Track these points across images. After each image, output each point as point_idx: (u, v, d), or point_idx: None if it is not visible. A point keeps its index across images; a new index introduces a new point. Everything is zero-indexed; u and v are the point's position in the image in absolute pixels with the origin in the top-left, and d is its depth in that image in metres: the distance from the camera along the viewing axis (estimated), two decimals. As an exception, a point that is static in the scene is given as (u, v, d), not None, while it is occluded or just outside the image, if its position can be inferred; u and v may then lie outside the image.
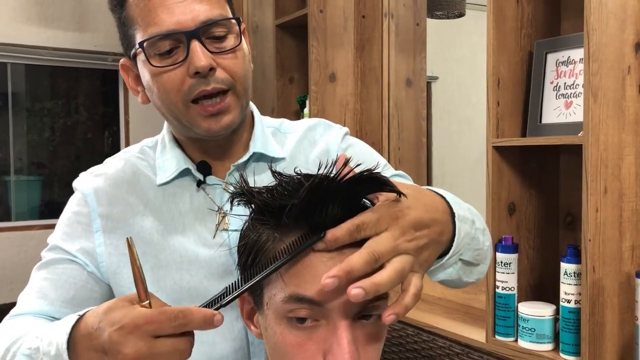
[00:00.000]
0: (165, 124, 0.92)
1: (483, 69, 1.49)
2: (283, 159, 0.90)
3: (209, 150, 0.88)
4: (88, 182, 0.90)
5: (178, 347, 0.58)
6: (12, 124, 3.32)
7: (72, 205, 0.91)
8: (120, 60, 0.87)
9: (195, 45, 0.77)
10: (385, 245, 0.58)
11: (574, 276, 1.30)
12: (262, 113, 0.97)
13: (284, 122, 0.97)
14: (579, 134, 1.29)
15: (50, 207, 3.46)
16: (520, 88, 1.51)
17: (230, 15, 0.83)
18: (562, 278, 1.33)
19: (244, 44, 0.84)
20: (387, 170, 0.90)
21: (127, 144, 3.48)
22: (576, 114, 1.40)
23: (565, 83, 1.44)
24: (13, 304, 0.86)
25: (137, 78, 0.85)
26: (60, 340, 0.65)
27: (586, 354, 1.25)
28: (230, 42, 0.81)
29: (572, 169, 1.51)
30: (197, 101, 0.80)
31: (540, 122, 1.47)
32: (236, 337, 0.85)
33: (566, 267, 1.32)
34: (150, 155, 0.92)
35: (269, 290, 0.64)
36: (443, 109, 3.70)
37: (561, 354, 1.33)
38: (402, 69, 2.18)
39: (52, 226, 0.91)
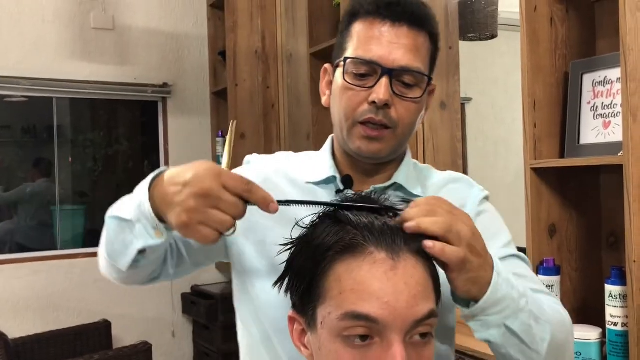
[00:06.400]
0: (330, 137, 1.01)
1: (517, 89, 1.49)
2: (418, 196, 0.93)
3: (356, 170, 0.95)
4: (258, 163, 1.02)
5: (237, 205, 0.73)
6: (58, 156, 3.44)
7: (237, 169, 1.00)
8: (325, 65, 0.99)
9: (384, 80, 0.87)
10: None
11: (620, 298, 1.28)
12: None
13: (430, 167, 1.05)
14: (619, 154, 1.27)
15: (93, 235, 3.53)
16: (557, 109, 1.51)
17: (426, 72, 0.91)
18: (607, 300, 1.30)
19: (424, 101, 0.93)
20: (507, 249, 0.91)
21: (167, 172, 3.54)
22: (615, 134, 1.39)
23: (602, 103, 1.43)
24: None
25: (329, 84, 0.97)
26: (145, 182, 0.80)
27: (635, 378, 1.21)
28: (414, 93, 0.90)
29: (613, 189, 1.49)
30: (364, 123, 0.89)
31: (579, 142, 1.46)
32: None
33: (611, 289, 1.30)
34: (307, 161, 1.01)
35: (324, 309, 0.66)
36: (477, 129, 3.68)
37: (609, 379, 1.30)
38: (436, 92, 2.15)
39: (96, 254, 0.95)
